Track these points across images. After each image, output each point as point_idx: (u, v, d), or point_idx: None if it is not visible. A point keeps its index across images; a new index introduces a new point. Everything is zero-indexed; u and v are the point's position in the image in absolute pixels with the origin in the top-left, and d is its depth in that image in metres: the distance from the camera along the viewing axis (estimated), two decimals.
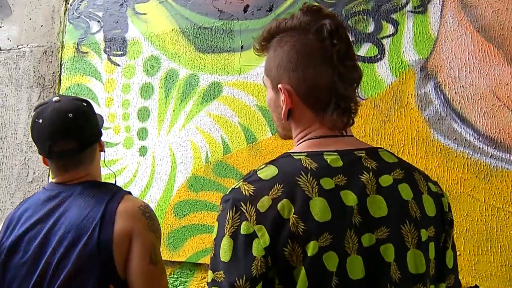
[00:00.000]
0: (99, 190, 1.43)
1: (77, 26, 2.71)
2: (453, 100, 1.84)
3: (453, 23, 1.88)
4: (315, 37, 1.01)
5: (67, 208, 1.38)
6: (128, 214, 1.36)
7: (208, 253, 2.16)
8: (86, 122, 1.46)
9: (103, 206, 1.35)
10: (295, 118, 1.06)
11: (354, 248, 0.91)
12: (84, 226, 1.32)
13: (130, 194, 1.46)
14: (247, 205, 0.91)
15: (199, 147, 2.28)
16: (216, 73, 2.29)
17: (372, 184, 0.97)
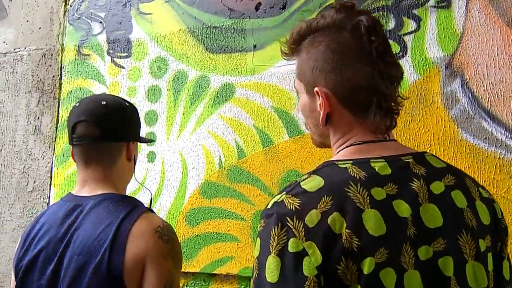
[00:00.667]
0: (115, 205, 1.27)
1: (77, 28, 2.60)
2: (482, 97, 1.77)
3: (480, 17, 1.80)
4: (351, 34, 0.95)
5: (80, 224, 1.25)
6: (142, 236, 1.20)
7: (223, 263, 2.06)
8: (117, 114, 1.35)
9: (116, 226, 1.20)
10: (334, 123, 0.99)
11: (411, 263, 0.84)
12: (95, 249, 1.19)
13: (150, 212, 1.32)
14: (294, 220, 0.83)
15: (211, 151, 2.17)
16: (228, 74, 2.20)
17: (424, 192, 0.90)
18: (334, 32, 0.96)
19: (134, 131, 1.42)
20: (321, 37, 0.97)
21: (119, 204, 1.28)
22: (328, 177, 0.88)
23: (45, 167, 2.58)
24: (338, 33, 0.96)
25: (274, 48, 2.12)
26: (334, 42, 0.95)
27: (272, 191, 2.03)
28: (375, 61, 0.93)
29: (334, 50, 0.95)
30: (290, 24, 2.10)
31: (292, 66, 2.04)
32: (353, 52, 0.94)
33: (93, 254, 1.18)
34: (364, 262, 0.81)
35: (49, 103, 2.63)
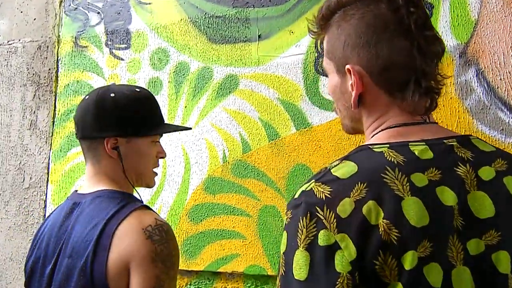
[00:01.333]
0: (106, 202, 1.17)
1: (74, 19, 2.51)
2: (498, 87, 1.70)
3: (496, 3, 1.73)
4: (388, 6, 0.86)
5: (74, 224, 1.17)
6: (127, 236, 1.09)
7: (228, 260, 1.99)
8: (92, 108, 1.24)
9: (102, 225, 1.10)
10: (367, 104, 0.90)
11: (460, 258, 0.75)
12: (80, 251, 1.10)
13: (146, 208, 1.20)
14: (324, 210, 0.75)
15: (215, 145, 2.10)
16: (232, 65, 2.12)
17: (472, 178, 0.81)
18: (368, 4, 0.87)
19: (116, 125, 1.25)
20: (354, 10, 0.88)
21: (111, 201, 1.18)
22: (362, 163, 0.80)
23: (41, 163, 2.50)
24: (372, 5, 0.86)
25: (279, 38, 2.05)
26: (368, 15, 0.86)
27: (278, 186, 1.96)
28: (414, 36, 0.84)
29: (368, 24, 0.86)
30: (296, 13, 2.03)
31: (298, 56, 1.99)
32: (389, 25, 0.85)
33: (79, 256, 1.10)
34: (405, 256, 0.73)
35: (45, 96, 2.54)
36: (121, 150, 1.24)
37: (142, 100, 1.29)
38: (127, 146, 1.26)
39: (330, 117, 1.91)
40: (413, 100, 0.86)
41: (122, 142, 1.24)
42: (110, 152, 1.24)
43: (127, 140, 1.26)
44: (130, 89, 1.30)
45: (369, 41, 0.86)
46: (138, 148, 1.28)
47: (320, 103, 1.93)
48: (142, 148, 1.28)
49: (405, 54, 0.85)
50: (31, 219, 2.49)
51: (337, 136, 1.88)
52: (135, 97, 1.28)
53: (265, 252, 1.94)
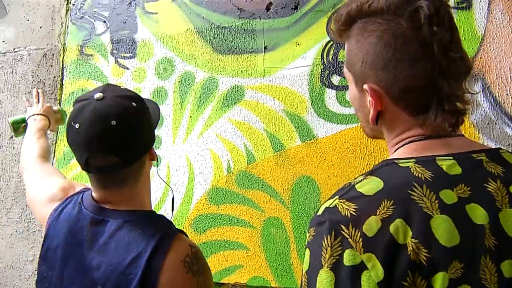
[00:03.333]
0: (143, 228, 1.12)
1: (80, 27, 2.52)
2: (504, 102, 1.70)
3: (502, 19, 1.74)
4: (409, 24, 0.81)
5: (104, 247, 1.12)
6: (170, 272, 1.07)
7: (232, 271, 1.98)
8: (133, 131, 1.13)
9: (147, 256, 1.07)
10: (387, 121, 0.88)
11: (493, 281, 0.72)
12: (124, 281, 1.07)
13: (181, 234, 1.17)
14: (349, 229, 0.73)
15: (219, 156, 2.09)
16: (237, 76, 2.12)
17: (503, 194, 0.77)
18: (388, 21, 0.82)
19: (152, 129, 1.23)
20: (373, 25, 0.84)
21: (148, 227, 1.13)
22: (388, 179, 0.78)
23: None
24: (393, 22, 0.82)
25: (285, 50, 2.05)
26: (387, 34, 0.82)
27: (283, 197, 1.95)
28: (436, 57, 0.80)
29: (387, 44, 0.82)
30: (302, 25, 2.04)
31: (304, 68, 1.99)
32: (410, 46, 0.81)
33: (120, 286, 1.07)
34: (435, 277, 0.70)
35: (50, 104, 2.53)
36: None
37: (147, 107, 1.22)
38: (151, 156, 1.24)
39: (335, 129, 1.91)
40: (436, 122, 0.83)
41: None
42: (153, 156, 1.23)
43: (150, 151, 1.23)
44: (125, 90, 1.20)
45: (388, 63, 0.83)
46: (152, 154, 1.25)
47: (326, 115, 1.93)
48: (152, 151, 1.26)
49: (426, 77, 0.81)
50: (32, 227, 2.48)
51: (342, 148, 1.88)
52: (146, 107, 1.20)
53: (268, 263, 1.93)
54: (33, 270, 2.43)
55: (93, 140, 1.09)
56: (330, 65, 1.96)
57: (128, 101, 1.13)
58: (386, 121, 0.88)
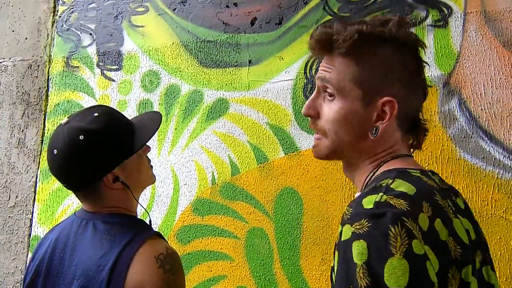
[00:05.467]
0: (120, 228, 1.17)
1: (66, 39, 2.54)
2: (479, 117, 1.77)
3: (476, 37, 1.81)
4: (412, 56, 0.95)
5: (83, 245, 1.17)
6: (141, 265, 1.10)
7: (216, 282, 2.00)
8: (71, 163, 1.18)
9: (117, 253, 1.11)
10: (382, 136, 0.93)
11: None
12: (94, 276, 1.10)
13: (158, 237, 1.20)
14: (410, 221, 0.75)
15: (204, 167, 2.13)
16: (222, 89, 2.16)
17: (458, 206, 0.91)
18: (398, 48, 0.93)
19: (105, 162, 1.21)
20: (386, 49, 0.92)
21: (124, 227, 1.17)
22: (416, 184, 0.83)
23: (28, 181, 2.49)
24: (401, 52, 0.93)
25: (269, 64, 2.10)
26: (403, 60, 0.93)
27: (266, 208, 1.99)
28: (425, 86, 0.98)
29: (405, 66, 0.93)
30: (286, 40, 2.09)
31: (288, 82, 2.04)
32: (414, 72, 0.95)
33: (92, 281, 1.10)
34: (465, 269, 0.80)
35: (35, 115, 2.55)
36: (122, 177, 1.22)
37: (109, 124, 1.23)
38: (125, 171, 1.23)
39: None
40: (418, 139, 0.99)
41: (118, 172, 1.22)
42: (113, 186, 1.21)
43: (122, 167, 1.22)
44: (91, 119, 1.22)
45: (406, 83, 0.93)
46: (133, 166, 1.26)
47: (308, 128, 1.98)
48: (136, 162, 1.27)
49: (419, 101, 0.98)
50: (15, 238, 2.47)
51: (325, 161, 1.92)
52: (102, 126, 1.21)
53: (252, 274, 1.96)
54: (14, 282, 2.42)
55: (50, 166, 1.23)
56: (313, 79, 2.02)
57: (78, 133, 1.17)
58: (380, 136, 0.93)
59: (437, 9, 1.88)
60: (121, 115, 1.31)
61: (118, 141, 1.22)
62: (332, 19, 2.02)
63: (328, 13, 2.04)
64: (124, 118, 1.30)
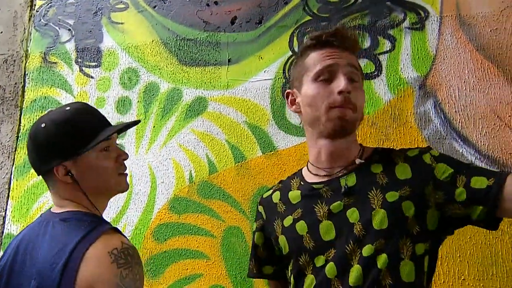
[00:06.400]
0: (75, 224, 1.16)
1: (44, 34, 2.51)
2: (454, 119, 1.80)
3: (451, 41, 1.84)
4: None
5: (41, 245, 1.16)
6: (94, 260, 1.07)
7: (192, 280, 2.00)
8: (34, 148, 1.24)
9: (70, 249, 1.08)
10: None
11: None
12: (48, 275, 1.08)
13: (113, 231, 1.18)
14: None
15: (182, 166, 2.12)
16: (201, 88, 2.16)
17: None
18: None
19: (57, 153, 1.22)
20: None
21: (79, 224, 1.16)
22: None
23: (2, 178, 2.45)
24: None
25: (249, 63, 2.11)
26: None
27: (243, 207, 1.99)
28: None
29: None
30: (266, 40, 2.10)
31: (266, 81, 2.05)
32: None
33: (46, 278, 1.08)
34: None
35: (10, 111, 2.51)
36: (74, 173, 1.21)
37: (72, 117, 1.24)
38: (78, 167, 1.22)
39: (295, 141, 1.97)
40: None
41: (71, 166, 1.21)
42: (63, 179, 1.21)
43: (74, 162, 1.22)
44: (60, 111, 1.26)
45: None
46: (89, 164, 1.24)
47: (286, 128, 1.99)
48: (93, 162, 1.24)
49: None
50: None
51: (302, 160, 1.94)
52: (64, 117, 1.23)
53: (228, 272, 1.96)
54: None
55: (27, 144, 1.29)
56: None
57: (42, 122, 1.24)
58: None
59: (414, 12, 1.91)
60: (94, 113, 1.30)
61: (73, 135, 1.22)
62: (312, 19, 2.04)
63: (308, 14, 2.05)
64: (94, 117, 1.29)
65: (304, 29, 2.05)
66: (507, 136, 1.73)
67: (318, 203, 1.18)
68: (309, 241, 1.16)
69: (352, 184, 1.16)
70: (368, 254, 1.06)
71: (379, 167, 1.17)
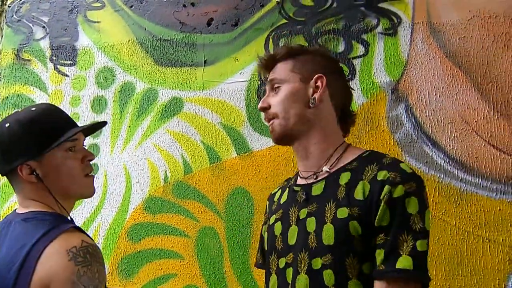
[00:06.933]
0: (35, 223, 1.14)
1: (17, 31, 2.48)
2: (424, 123, 1.85)
3: (422, 47, 1.89)
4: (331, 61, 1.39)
5: (4, 242, 1.14)
6: (51, 258, 1.05)
7: (166, 280, 2.01)
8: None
9: (28, 248, 1.06)
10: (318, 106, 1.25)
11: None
12: (3, 275, 1.06)
13: (75, 230, 1.15)
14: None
15: (157, 166, 2.13)
16: (177, 88, 2.17)
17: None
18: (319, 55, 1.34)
19: (20, 152, 1.20)
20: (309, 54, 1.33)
21: (40, 223, 1.14)
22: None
23: None
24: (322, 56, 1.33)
25: (224, 64, 2.12)
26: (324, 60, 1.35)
27: (218, 208, 2.01)
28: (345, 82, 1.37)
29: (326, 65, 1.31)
30: (242, 41, 2.12)
31: (242, 83, 2.07)
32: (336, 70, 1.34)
33: (2, 279, 1.07)
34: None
35: None
36: (39, 172, 1.20)
37: (38, 117, 1.23)
38: (42, 166, 1.20)
39: (270, 143, 1.99)
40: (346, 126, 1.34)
41: (35, 165, 1.19)
42: (27, 178, 1.19)
43: (39, 161, 1.20)
44: (25, 111, 1.25)
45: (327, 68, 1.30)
46: (53, 164, 1.22)
47: (261, 130, 2.02)
48: (58, 161, 1.22)
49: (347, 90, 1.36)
50: None
51: (276, 161, 1.97)
52: (29, 117, 1.22)
53: (202, 272, 1.98)
54: None
55: None
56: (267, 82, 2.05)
57: (6, 122, 1.23)
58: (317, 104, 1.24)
59: (387, 18, 1.95)
60: (60, 114, 1.29)
61: (38, 134, 1.21)
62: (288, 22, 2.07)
63: (283, 17, 2.08)
64: (60, 118, 1.28)
65: (280, 32, 2.07)
66: (474, 141, 1.78)
67: (292, 207, 1.20)
68: (279, 243, 1.19)
69: (319, 192, 1.16)
70: (316, 267, 1.06)
71: (347, 177, 1.13)
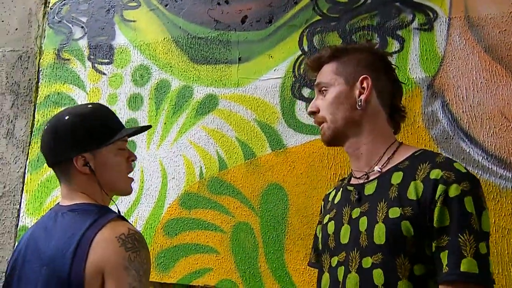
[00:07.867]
0: (83, 214, 1.22)
1: (57, 31, 2.55)
2: (461, 119, 1.83)
3: (459, 42, 1.87)
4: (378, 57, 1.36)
5: (51, 235, 1.22)
6: (102, 244, 1.14)
7: (201, 274, 2.04)
8: (50, 136, 1.29)
9: (79, 236, 1.15)
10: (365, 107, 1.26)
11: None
12: (58, 261, 1.15)
13: (120, 219, 1.25)
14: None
15: (192, 162, 2.16)
16: (212, 85, 2.20)
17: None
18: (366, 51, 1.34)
19: (79, 144, 1.28)
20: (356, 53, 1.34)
21: (87, 213, 1.23)
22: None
23: (17, 172, 2.51)
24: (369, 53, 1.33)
25: (259, 61, 2.14)
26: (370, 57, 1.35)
27: (252, 203, 2.03)
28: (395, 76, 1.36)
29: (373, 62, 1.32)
30: (276, 39, 2.13)
31: (276, 80, 2.08)
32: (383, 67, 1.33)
33: (57, 265, 1.14)
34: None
35: (24, 106, 2.56)
36: (92, 165, 1.28)
37: (95, 114, 1.33)
38: (96, 160, 1.29)
39: (304, 139, 2.00)
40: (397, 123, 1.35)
41: (90, 158, 1.28)
42: (82, 169, 1.27)
43: (93, 155, 1.29)
44: (82, 107, 1.36)
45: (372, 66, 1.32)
46: (106, 159, 1.31)
47: (295, 126, 2.03)
48: (110, 158, 1.31)
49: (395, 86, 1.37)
50: (1, 228, 2.49)
51: (311, 158, 1.98)
52: (87, 112, 1.32)
53: (237, 267, 2.00)
54: (0, 272, 2.43)
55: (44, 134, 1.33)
56: (301, 78, 2.06)
57: (66, 114, 1.31)
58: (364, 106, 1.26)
59: (423, 13, 1.93)
60: (112, 115, 1.39)
61: (95, 129, 1.30)
62: (321, 19, 2.07)
63: (317, 14, 2.08)
64: (114, 118, 1.39)
65: (314, 29, 2.08)
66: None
67: (346, 206, 1.22)
68: (332, 242, 1.20)
69: (371, 191, 1.16)
70: (366, 266, 1.07)
71: (399, 177, 1.12)
